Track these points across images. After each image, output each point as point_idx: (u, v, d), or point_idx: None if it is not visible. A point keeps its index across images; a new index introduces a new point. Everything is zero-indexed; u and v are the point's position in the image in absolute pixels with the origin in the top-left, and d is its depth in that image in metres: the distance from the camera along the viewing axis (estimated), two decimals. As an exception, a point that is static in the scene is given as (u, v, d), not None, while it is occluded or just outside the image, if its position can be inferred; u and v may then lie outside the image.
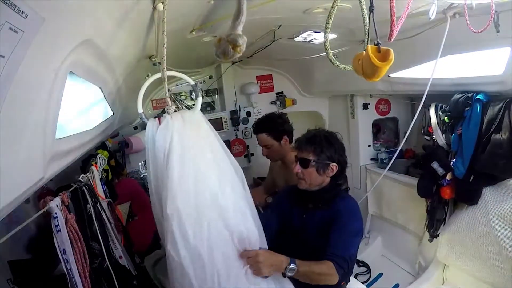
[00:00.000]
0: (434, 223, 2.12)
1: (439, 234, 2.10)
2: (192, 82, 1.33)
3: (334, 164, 1.57)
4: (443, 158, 2.00)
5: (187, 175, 1.16)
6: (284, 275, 1.32)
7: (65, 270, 0.94)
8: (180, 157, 1.15)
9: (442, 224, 2.08)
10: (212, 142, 1.27)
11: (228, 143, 3.22)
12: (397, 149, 2.24)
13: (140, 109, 1.23)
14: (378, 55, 0.77)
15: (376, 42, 0.76)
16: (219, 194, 1.22)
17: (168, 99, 1.20)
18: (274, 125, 2.18)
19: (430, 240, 2.18)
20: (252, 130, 3.16)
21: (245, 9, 0.74)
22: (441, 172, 1.97)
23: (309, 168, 1.55)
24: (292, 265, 1.30)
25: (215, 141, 1.28)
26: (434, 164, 2.00)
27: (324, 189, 1.59)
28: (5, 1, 0.46)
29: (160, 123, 1.18)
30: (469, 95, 1.81)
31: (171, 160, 1.13)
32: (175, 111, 1.21)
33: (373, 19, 0.77)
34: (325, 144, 1.57)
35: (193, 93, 3.20)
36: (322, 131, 1.68)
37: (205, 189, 1.19)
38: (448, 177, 1.93)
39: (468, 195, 1.88)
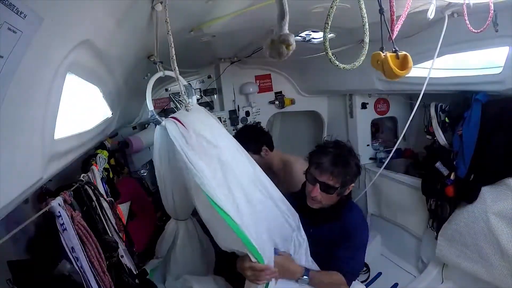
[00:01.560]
0: (438, 222, 2.13)
1: (439, 233, 2.10)
2: (185, 83, 1.33)
3: (353, 184, 1.53)
4: (446, 158, 2.00)
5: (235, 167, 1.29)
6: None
7: (76, 268, 0.93)
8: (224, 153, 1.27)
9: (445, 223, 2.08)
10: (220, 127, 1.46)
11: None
12: (392, 149, 2.31)
13: (151, 107, 1.25)
14: (397, 61, 0.78)
15: (393, 49, 0.78)
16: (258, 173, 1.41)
17: (185, 97, 1.20)
18: (249, 140, 2.12)
19: (436, 237, 2.17)
20: None
21: (287, 9, 0.74)
22: (445, 172, 1.98)
23: (333, 194, 1.47)
24: (304, 277, 1.36)
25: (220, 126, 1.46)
26: (438, 165, 2.01)
27: (334, 205, 1.54)
28: (4, 2, 0.46)
29: (181, 123, 1.20)
30: (469, 95, 1.81)
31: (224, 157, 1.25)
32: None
33: (385, 21, 0.78)
34: (352, 167, 1.47)
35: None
36: (344, 147, 1.54)
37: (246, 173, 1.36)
38: (452, 176, 1.94)
39: (467, 193, 1.88)
